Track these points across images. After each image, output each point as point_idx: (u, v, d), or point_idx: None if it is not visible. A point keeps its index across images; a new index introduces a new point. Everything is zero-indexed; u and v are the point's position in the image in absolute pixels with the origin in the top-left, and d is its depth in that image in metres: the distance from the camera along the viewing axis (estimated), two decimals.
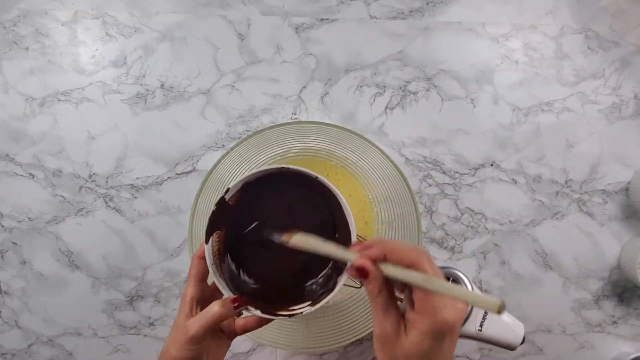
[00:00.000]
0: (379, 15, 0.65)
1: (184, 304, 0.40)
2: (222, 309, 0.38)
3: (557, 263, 0.64)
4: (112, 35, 0.63)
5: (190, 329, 0.37)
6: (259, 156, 0.58)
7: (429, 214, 0.64)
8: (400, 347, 0.31)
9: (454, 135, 0.64)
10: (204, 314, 0.38)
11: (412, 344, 0.31)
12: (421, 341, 0.31)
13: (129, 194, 0.62)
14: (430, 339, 0.30)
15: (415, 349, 0.31)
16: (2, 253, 0.62)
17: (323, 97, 0.64)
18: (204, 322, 0.37)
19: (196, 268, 0.41)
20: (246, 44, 0.64)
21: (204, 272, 0.40)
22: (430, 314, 0.30)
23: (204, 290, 0.41)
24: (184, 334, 0.37)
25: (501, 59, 0.65)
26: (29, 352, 0.62)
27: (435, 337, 0.30)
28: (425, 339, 0.30)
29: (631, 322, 0.65)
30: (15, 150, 0.62)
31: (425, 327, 0.30)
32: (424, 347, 0.31)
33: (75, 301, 0.62)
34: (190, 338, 0.37)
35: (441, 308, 0.30)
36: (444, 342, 0.31)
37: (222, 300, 0.38)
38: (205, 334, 0.38)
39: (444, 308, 0.30)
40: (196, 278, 0.41)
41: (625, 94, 0.65)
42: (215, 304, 0.38)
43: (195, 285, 0.40)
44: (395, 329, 0.32)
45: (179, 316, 0.39)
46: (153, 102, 0.63)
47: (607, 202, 0.65)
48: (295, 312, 0.40)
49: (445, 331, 0.30)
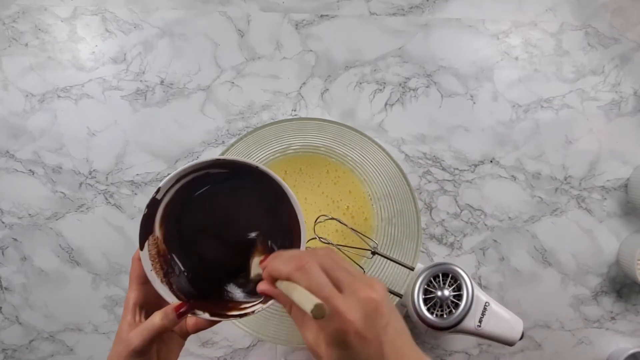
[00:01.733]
0: (378, 12, 0.65)
1: (127, 310, 0.38)
2: (163, 321, 0.35)
3: (556, 259, 0.65)
4: (111, 31, 0.63)
5: (132, 342, 0.35)
6: (259, 153, 0.58)
7: (428, 211, 0.64)
8: (323, 356, 0.30)
9: (454, 131, 0.64)
10: (146, 325, 0.36)
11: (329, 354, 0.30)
12: (329, 355, 0.29)
13: (129, 191, 0.63)
14: (336, 350, 0.29)
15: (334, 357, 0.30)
16: (3, 249, 0.62)
17: (323, 93, 0.64)
18: (145, 334, 0.35)
19: (136, 270, 0.38)
20: (246, 40, 0.64)
21: (145, 274, 0.38)
22: (326, 320, 0.29)
23: (148, 293, 0.38)
24: (126, 347, 0.35)
25: (501, 56, 0.65)
26: (30, 348, 0.62)
27: (340, 347, 0.29)
28: (331, 352, 0.29)
29: (629, 318, 0.65)
30: (15, 146, 0.62)
31: (326, 339, 0.30)
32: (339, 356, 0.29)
33: (76, 297, 0.62)
34: (132, 352, 0.35)
35: (339, 312, 0.28)
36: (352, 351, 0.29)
37: (164, 311, 0.36)
38: (148, 347, 0.36)
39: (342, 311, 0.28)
40: (137, 281, 0.38)
41: (624, 91, 0.66)
42: (156, 314, 0.36)
43: (137, 289, 0.38)
44: (315, 337, 0.31)
45: (121, 324, 0.37)
46: (153, 98, 0.63)
47: (606, 198, 0.65)
48: (246, 311, 0.38)
49: (347, 340, 0.29)
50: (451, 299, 0.54)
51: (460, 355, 0.65)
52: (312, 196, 0.60)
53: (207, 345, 0.62)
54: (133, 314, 0.37)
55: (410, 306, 0.56)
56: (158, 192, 0.37)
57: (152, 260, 0.38)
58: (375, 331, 0.29)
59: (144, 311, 0.38)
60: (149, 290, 0.38)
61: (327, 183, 0.60)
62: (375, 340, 0.29)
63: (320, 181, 0.60)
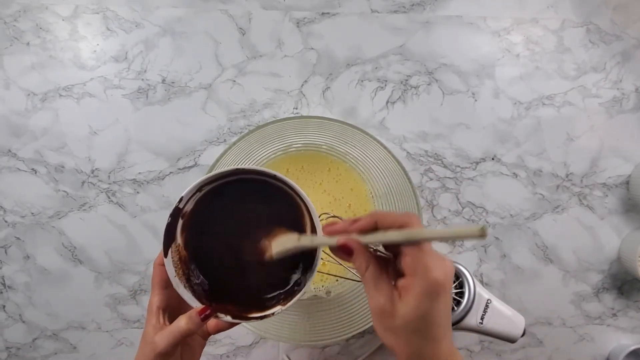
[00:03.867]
0: (380, 9, 0.65)
1: (151, 314, 0.39)
2: (188, 325, 0.37)
3: (557, 256, 0.65)
4: (112, 30, 0.63)
5: (158, 345, 0.37)
6: (260, 151, 0.59)
7: (430, 208, 0.64)
8: (397, 316, 0.31)
9: (455, 129, 0.65)
10: (172, 329, 0.37)
11: (409, 309, 0.31)
12: (417, 304, 0.31)
13: (131, 189, 0.63)
14: (426, 299, 0.31)
15: (413, 313, 0.31)
16: (6, 248, 0.62)
17: (324, 91, 0.64)
18: (171, 338, 0.37)
19: (159, 275, 0.40)
20: (247, 38, 0.64)
21: (167, 278, 0.39)
22: (422, 275, 0.31)
23: (171, 296, 0.40)
24: (153, 350, 0.37)
25: (502, 53, 0.65)
26: (33, 346, 0.62)
27: (430, 297, 0.31)
28: (420, 300, 0.31)
29: (630, 315, 0.65)
30: (17, 145, 0.62)
31: (419, 289, 0.31)
32: (420, 309, 0.31)
33: (79, 295, 0.62)
34: (159, 354, 0.37)
35: (431, 268, 0.30)
36: (439, 302, 0.31)
37: (188, 315, 0.38)
38: (173, 349, 0.37)
39: (434, 268, 0.30)
40: (160, 285, 0.40)
41: (626, 88, 0.66)
42: (182, 318, 0.37)
43: (160, 293, 0.40)
44: (389, 299, 0.32)
45: (146, 327, 0.39)
46: (154, 97, 0.63)
47: (607, 195, 0.65)
48: (266, 313, 0.40)
49: (439, 291, 0.31)
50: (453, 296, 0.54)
51: (462, 352, 0.65)
52: (313, 194, 0.60)
53: (210, 343, 0.63)
54: (157, 317, 0.39)
55: None
56: (181, 202, 0.39)
57: (175, 266, 0.39)
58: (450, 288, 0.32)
59: (167, 314, 0.40)
60: (171, 294, 0.39)
61: (329, 181, 0.60)
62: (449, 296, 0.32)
63: (322, 179, 0.60)
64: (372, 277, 0.33)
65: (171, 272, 0.39)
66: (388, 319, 0.32)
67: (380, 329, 0.33)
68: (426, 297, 0.31)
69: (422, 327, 0.31)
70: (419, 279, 0.31)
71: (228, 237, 0.41)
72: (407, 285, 0.31)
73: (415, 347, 0.32)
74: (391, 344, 0.33)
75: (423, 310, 0.31)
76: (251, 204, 0.41)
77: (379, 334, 0.34)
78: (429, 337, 0.31)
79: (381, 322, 0.33)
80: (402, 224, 0.32)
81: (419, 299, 0.31)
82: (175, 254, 0.40)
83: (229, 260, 0.41)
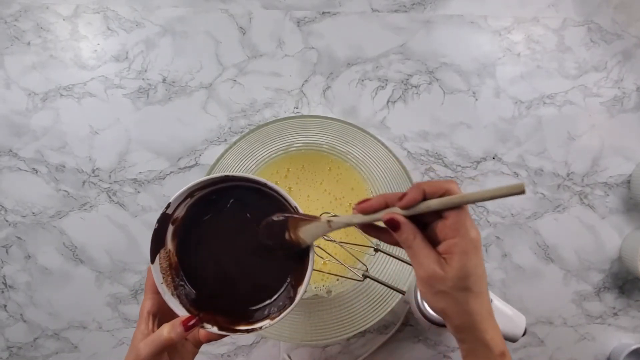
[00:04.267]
0: (380, 9, 0.65)
1: (141, 319, 0.39)
2: (170, 334, 0.36)
3: (559, 255, 0.65)
4: (113, 29, 0.63)
5: (141, 352, 0.36)
6: (261, 150, 0.59)
7: None
8: (448, 277, 0.33)
9: (456, 128, 0.64)
10: (154, 337, 0.37)
11: (459, 267, 0.33)
12: (465, 262, 0.33)
13: (132, 189, 0.63)
14: (472, 256, 0.33)
15: (463, 271, 0.33)
16: (7, 247, 0.62)
17: (325, 91, 0.64)
18: (152, 346, 0.36)
19: (150, 280, 0.39)
20: (248, 38, 0.64)
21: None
22: (464, 235, 0.33)
23: (162, 302, 0.39)
24: (136, 357, 0.36)
25: (503, 52, 0.65)
26: (34, 346, 0.62)
27: (475, 254, 0.33)
28: (467, 258, 0.33)
29: (632, 314, 0.65)
30: (18, 145, 0.62)
31: (463, 248, 0.33)
32: (468, 266, 0.33)
33: (80, 295, 0.63)
34: None
35: (469, 227, 0.33)
36: (479, 257, 0.33)
37: (172, 324, 0.37)
38: (156, 357, 0.37)
39: (471, 227, 0.33)
40: (152, 290, 0.39)
41: (627, 87, 0.65)
42: (164, 327, 0.37)
43: (151, 298, 0.39)
44: (438, 264, 0.33)
45: (135, 332, 0.38)
46: (155, 96, 0.63)
47: (608, 194, 0.65)
48: (254, 326, 0.39)
49: (478, 247, 0.33)
50: None
51: None
52: (314, 193, 0.60)
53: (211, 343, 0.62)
54: (146, 322, 0.38)
55: (413, 303, 0.56)
56: (168, 207, 0.38)
57: (164, 273, 0.39)
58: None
59: (158, 320, 0.39)
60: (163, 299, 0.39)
61: (330, 180, 0.60)
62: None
63: (322, 178, 0.60)
64: (419, 246, 0.34)
65: (158, 278, 0.38)
66: (439, 282, 0.33)
67: (430, 295, 0.34)
68: (471, 254, 0.33)
69: (470, 284, 0.33)
70: (462, 239, 0.33)
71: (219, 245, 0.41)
72: (451, 246, 0.33)
73: (464, 304, 0.33)
74: (442, 307, 0.34)
75: (470, 267, 0.33)
76: (243, 211, 0.41)
77: (428, 301, 0.35)
78: (475, 291, 0.33)
79: (432, 287, 0.34)
80: (445, 191, 0.33)
81: (465, 257, 0.33)
82: (164, 260, 0.39)
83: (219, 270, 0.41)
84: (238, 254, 0.41)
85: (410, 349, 0.64)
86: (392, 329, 0.63)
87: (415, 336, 0.64)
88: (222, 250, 0.41)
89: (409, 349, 0.64)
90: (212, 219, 0.41)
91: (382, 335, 0.64)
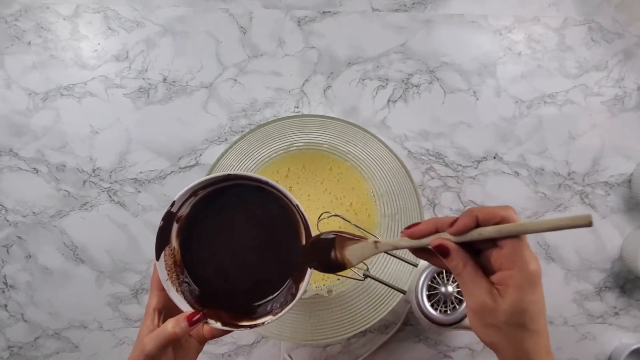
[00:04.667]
0: (381, 8, 0.65)
1: (147, 315, 0.39)
2: (175, 329, 0.37)
3: (559, 255, 0.65)
4: (114, 29, 0.63)
5: (146, 347, 0.37)
6: (261, 150, 0.58)
7: (431, 207, 0.64)
8: (500, 311, 0.31)
9: (457, 128, 0.64)
10: (158, 332, 0.37)
11: (513, 302, 0.31)
12: (520, 297, 0.30)
13: (133, 188, 0.63)
14: (528, 291, 0.30)
15: (517, 307, 0.31)
16: (8, 247, 0.62)
17: (325, 90, 0.64)
18: (157, 341, 0.37)
19: (156, 277, 0.40)
20: (248, 37, 0.64)
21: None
22: (521, 267, 0.30)
23: (167, 298, 0.40)
24: (142, 351, 0.37)
25: (503, 52, 0.65)
26: (35, 345, 0.62)
27: (531, 289, 0.31)
28: (523, 293, 0.30)
29: (633, 314, 0.65)
30: (18, 145, 0.62)
31: (519, 281, 0.30)
32: (523, 302, 0.30)
33: (80, 295, 0.63)
34: (147, 356, 0.37)
35: (528, 259, 0.31)
36: (538, 293, 0.31)
37: (176, 319, 0.38)
38: (161, 352, 0.37)
39: (530, 259, 0.31)
40: (158, 287, 0.40)
41: (628, 86, 0.65)
42: (169, 322, 0.38)
43: (157, 295, 0.40)
44: (489, 295, 0.31)
45: (141, 328, 0.39)
46: (155, 96, 0.63)
47: (609, 194, 0.65)
48: (256, 322, 0.40)
49: (537, 282, 0.31)
50: (455, 295, 0.54)
51: (464, 350, 0.65)
52: (315, 193, 0.60)
53: (211, 342, 0.62)
54: (152, 318, 0.39)
55: (414, 302, 0.56)
56: (173, 206, 0.39)
57: (169, 270, 0.40)
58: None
59: (163, 315, 0.40)
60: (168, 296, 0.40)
61: (330, 180, 0.60)
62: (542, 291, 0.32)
63: (323, 178, 0.60)
64: (470, 275, 0.32)
65: (163, 275, 0.39)
66: (490, 315, 0.31)
67: (479, 327, 0.33)
68: (528, 289, 0.30)
69: (525, 321, 0.31)
70: (518, 272, 0.30)
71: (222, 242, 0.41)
72: (506, 278, 0.31)
73: (518, 342, 0.31)
74: (493, 341, 0.32)
75: (526, 302, 0.31)
76: (246, 209, 0.41)
77: (478, 333, 0.33)
78: (532, 330, 0.31)
79: (482, 320, 0.32)
80: (502, 218, 0.31)
81: (521, 291, 0.30)
82: (169, 257, 0.40)
83: (222, 267, 0.41)
84: (241, 251, 0.41)
85: (411, 348, 0.64)
86: (393, 329, 0.63)
87: (416, 336, 0.64)
88: (225, 247, 0.41)
89: (410, 349, 0.64)
90: (216, 217, 0.41)
91: (383, 334, 0.64)
